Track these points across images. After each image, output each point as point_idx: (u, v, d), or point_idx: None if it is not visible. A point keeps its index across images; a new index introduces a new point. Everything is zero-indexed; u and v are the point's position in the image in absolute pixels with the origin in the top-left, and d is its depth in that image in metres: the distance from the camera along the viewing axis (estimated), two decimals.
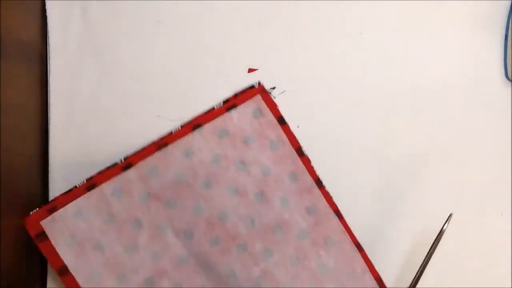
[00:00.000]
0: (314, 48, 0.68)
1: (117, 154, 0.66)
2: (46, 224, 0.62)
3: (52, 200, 0.63)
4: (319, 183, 0.66)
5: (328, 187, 0.65)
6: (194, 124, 0.65)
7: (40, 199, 0.65)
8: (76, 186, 0.64)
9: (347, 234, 0.65)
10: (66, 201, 0.63)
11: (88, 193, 0.63)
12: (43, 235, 0.62)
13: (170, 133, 0.65)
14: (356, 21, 0.68)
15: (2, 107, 0.54)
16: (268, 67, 0.68)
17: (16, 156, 0.59)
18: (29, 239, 0.62)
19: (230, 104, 0.65)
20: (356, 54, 0.68)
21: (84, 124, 0.66)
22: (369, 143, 0.68)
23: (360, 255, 0.65)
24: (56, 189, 0.65)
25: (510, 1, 0.69)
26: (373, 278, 0.65)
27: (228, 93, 0.66)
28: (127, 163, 0.64)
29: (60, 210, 0.62)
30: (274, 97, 0.67)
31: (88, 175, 0.65)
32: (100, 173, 0.64)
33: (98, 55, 0.67)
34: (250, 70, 0.68)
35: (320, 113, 0.68)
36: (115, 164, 0.64)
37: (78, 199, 0.63)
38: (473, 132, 0.69)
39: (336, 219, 0.65)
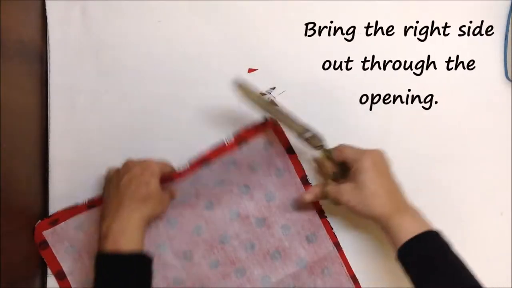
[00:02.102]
0: (314, 48, 0.68)
1: (116, 154, 0.66)
2: (48, 234, 0.63)
3: (54, 213, 0.64)
4: (321, 213, 0.66)
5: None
6: (204, 161, 0.64)
7: (40, 198, 0.65)
8: (78, 205, 0.64)
9: (344, 266, 0.66)
10: (67, 215, 0.64)
11: (90, 210, 0.64)
12: (45, 244, 0.63)
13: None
14: (356, 22, 0.68)
15: (2, 107, 0.53)
16: (268, 67, 0.68)
17: (16, 155, 0.59)
18: (29, 239, 0.63)
19: (241, 139, 0.64)
20: (355, 54, 0.68)
21: (84, 124, 0.66)
22: (369, 145, 0.68)
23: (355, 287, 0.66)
24: (56, 188, 0.65)
25: (510, 1, 0.69)
26: None
27: (228, 91, 0.66)
28: None
29: (62, 224, 0.63)
30: (274, 97, 0.67)
31: (87, 175, 0.65)
32: (100, 197, 0.63)
33: (98, 55, 0.66)
34: (250, 70, 0.68)
35: (319, 113, 0.68)
36: None
37: (80, 215, 0.64)
38: (473, 132, 0.69)
39: (335, 251, 0.66)
